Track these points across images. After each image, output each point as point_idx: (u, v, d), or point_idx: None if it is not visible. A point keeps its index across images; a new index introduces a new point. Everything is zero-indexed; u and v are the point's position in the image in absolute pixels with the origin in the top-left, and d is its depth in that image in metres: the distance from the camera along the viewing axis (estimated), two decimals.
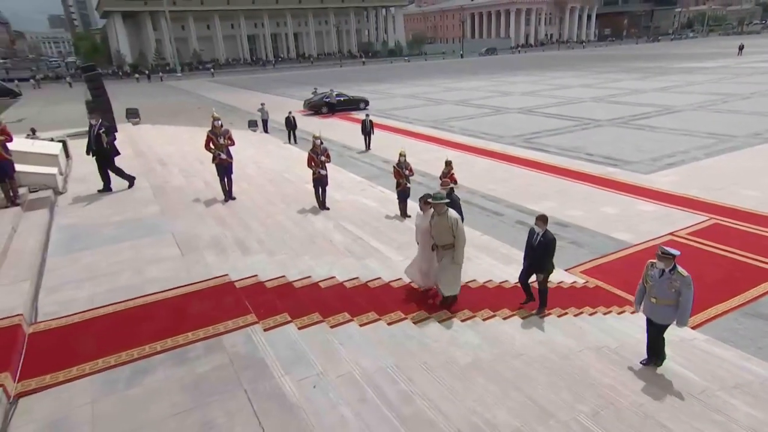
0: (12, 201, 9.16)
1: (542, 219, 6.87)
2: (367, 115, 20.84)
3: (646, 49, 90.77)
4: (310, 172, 11.10)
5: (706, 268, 9.00)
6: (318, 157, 11.04)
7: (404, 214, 11.34)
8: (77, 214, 9.37)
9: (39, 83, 63.70)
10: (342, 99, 32.36)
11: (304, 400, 4.28)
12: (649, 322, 5.94)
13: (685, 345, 6.73)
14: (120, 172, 10.86)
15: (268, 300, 6.08)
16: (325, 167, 11.12)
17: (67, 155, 13.78)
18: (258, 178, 13.80)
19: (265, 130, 24.21)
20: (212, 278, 6.50)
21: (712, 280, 8.52)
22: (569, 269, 9.31)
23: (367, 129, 20.16)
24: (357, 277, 7.33)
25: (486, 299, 7.32)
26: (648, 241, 10.30)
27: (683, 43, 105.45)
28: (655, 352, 5.98)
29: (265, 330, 5.32)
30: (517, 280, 7.43)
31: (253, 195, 11.77)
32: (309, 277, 7.09)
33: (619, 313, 7.69)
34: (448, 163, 11.46)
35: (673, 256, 5.45)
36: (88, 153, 10.10)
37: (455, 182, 11.43)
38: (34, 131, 16.88)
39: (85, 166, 13.24)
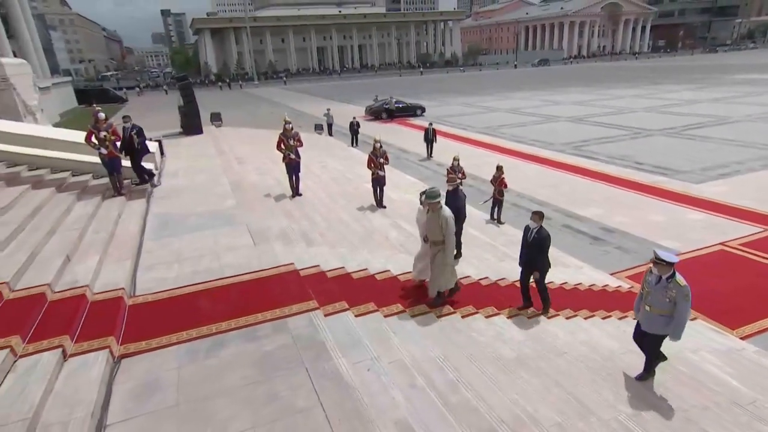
0: (118, 191, 9.69)
1: (538, 215, 6.45)
2: (431, 124, 19.75)
3: (702, 60, 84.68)
4: (370, 172, 11.16)
5: (759, 280, 8.32)
6: (377, 159, 11.08)
7: None
8: (168, 204, 9.84)
9: (142, 91, 67.66)
10: (400, 106, 32.35)
11: (358, 382, 4.31)
12: (639, 330, 5.28)
13: (734, 355, 6.22)
14: (140, 169, 10.79)
15: (329, 288, 6.15)
16: (384, 168, 11.14)
17: (162, 153, 14.50)
18: (322, 176, 14.02)
19: (330, 134, 24.55)
20: (280, 266, 6.65)
21: (765, 292, 7.87)
22: (614, 273, 8.86)
23: (430, 137, 19.31)
24: (410, 272, 7.31)
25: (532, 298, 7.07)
26: (697, 249, 9.63)
27: (742, 54, 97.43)
28: (649, 363, 5.29)
29: (325, 315, 5.41)
30: (519, 282, 6.90)
31: (317, 192, 11.96)
32: (366, 269, 7.12)
33: None
34: (499, 168, 11.18)
35: (669, 263, 4.76)
36: (121, 152, 10.15)
37: (505, 186, 11.13)
38: None
39: (176, 162, 13.98)
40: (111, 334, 4.86)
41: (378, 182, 11.15)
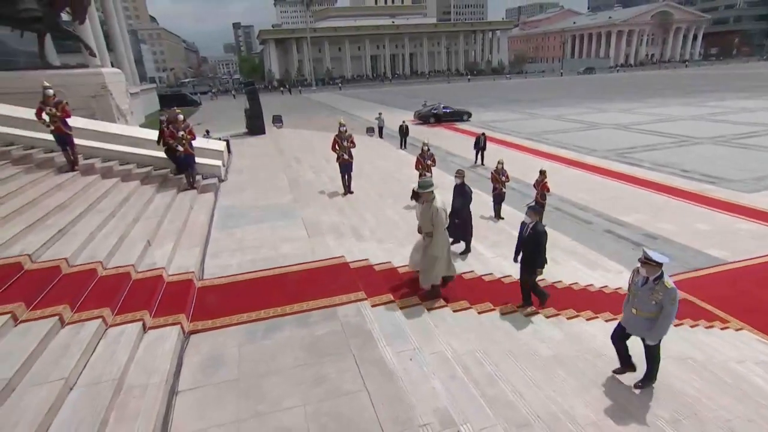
0: (191, 185, 10.16)
1: (533, 209, 6.00)
2: (483, 134, 18.60)
3: (758, 68, 78.15)
4: (417, 173, 11.14)
5: None
6: (425, 161, 11.07)
7: (498, 215, 10.96)
8: (233, 198, 10.21)
9: (216, 95, 70.41)
10: (448, 111, 32.05)
11: (401, 370, 4.32)
12: (620, 331, 4.80)
13: None
14: (175, 159, 10.77)
15: (376, 281, 6.19)
16: (431, 170, 11.10)
17: (229, 151, 15.04)
18: (373, 176, 14.11)
19: (380, 136, 24.62)
20: (331, 258, 6.76)
21: None
22: None
23: (481, 144, 18.40)
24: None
25: (571, 300, 6.83)
26: (746, 259, 8.93)
27: None
28: (650, 370, 4.80)
29: (372, 306, 5.44)
30: (519, 280, 6.43)
31: (368, 191, 12.05)
32: (406, 265, 7.11)
33: (708, 327, 6.77)
34: (542, 172, 10.85)
35: (657, 263, 4.22)
36: (158, 143, 10.42)
37: (548, 190, 10.78)
38: (208, 132, 18.72)
39: (241, 160, 14.50)
40: (182, 312, 5.13)
41: None
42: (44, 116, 9.04)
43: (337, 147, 11.17)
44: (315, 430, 3.60)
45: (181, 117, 9.92)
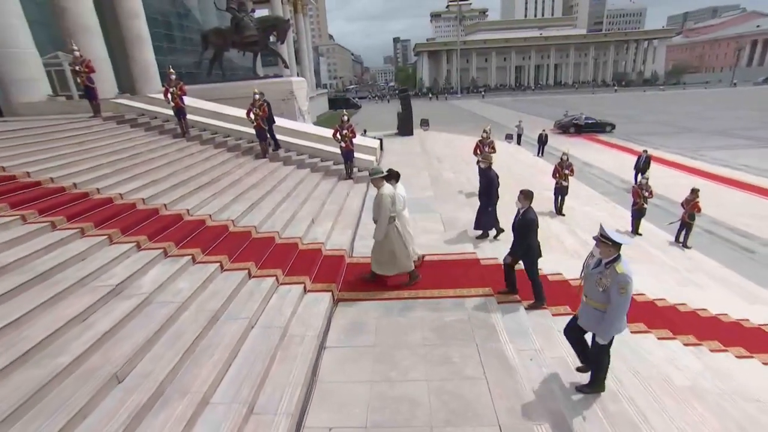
0: (349, 176, 11.00)
1: (524, 194, 5.04)
2: (645, 151, 15.26)
3: None
4: (553, 181, 10.31)
5: None
6: (562, 170, 10.18)
7: (636, 230, 9.55)
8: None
9: (378, 99, 74.33)
10: (590, 122, 29.03)
11: (521, 366, 4.09)
12: (573, 323, 3.87)
13: None
14: (273, 135, 11.40)
15: (504, 280, 5.91)
16: (568, 179, 10.17)
17: (381, 148, 15.79)
18: (508, 180, 13.43)
19: (518, 143, 23.37)
20: (464, 253, 6.70)
21: None
22: None
23: (640, 165, 14.96)
24: (577, 279, 6.55)
25: (715, 331, 5.65)
26: None
27: None
28: (594, 374, 3.81)
29: (498, 303, 5.24)
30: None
31: (502, 194, 11.40)
32: (540, 269, 6.59)
33: None
34: (694, 191, 9.14)
35: (613, 243, 3.31)
36: (262, 120, 10.60)
37: (698, 210, 9.01)
38: (365, 131, 20.09)
39: (390, 157, 15.14)
40: (334, 282, 5.61)
41: (561, 191, 10.25)
42: (251, 115, 10.64)
43: (478, 152, 10.96)
44: (436, 404, 3.62)
45: (345, 118, 10.77)
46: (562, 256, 7.61)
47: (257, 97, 10.59)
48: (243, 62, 23.74)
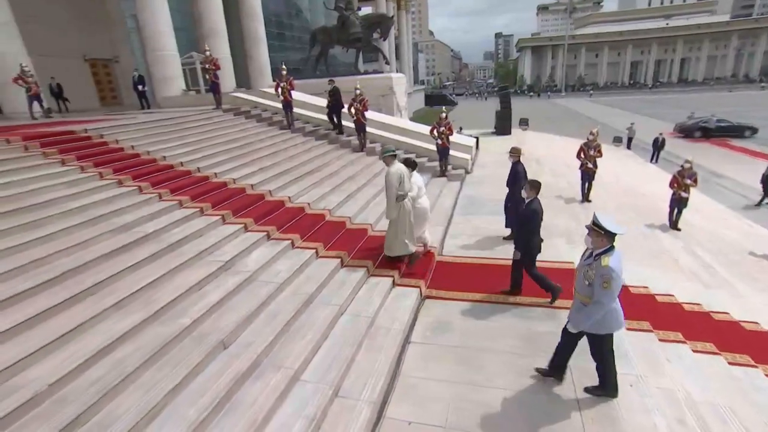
0: (442, 173, 10.92)
1: (530, 184, 4.90)
2: None
3: None
4: (670, 192, 9.12)
5: None
6: (682, 180, 8.93)
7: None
8: (474, 189, 10.44)
9: (477, 96, 72.03)
10: (723, 125, 24.40)
11: (620, 392, 3.69)
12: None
13: None
14: (339, 119, 12.16)
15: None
16: (689, 191, 8.92)
17: (477, 147, 15.34)
18: (614, 187, 12.23)
19: (628, 147, 21.02)
20: (560, 261, 6.26)
21: None
22: None
23: None
24: (699, 304, 5.68)
25: None
26: None
27: None
28: (602, 375, 3.54)
29: None
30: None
31: (606, 201, 10.51)
32: (646, 287, 5.92)
33: None
34: None
35: (606, 232, 3.10)
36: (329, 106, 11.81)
37: None
38: (461, 129, 19.69)
39: (486, 156, 14.70)
40: (422, 279, 5.64)
41: (679, 203, 9.02)
42: (352, 110, 11.12)
43: (582, 155, 10.07)
44: (520, 417, 3.46)
45: (444, 115, 10.68)
46: (676, 275, 6.72)
47: (358, 92, 11.01)
48: (345, 58, 24.88)
